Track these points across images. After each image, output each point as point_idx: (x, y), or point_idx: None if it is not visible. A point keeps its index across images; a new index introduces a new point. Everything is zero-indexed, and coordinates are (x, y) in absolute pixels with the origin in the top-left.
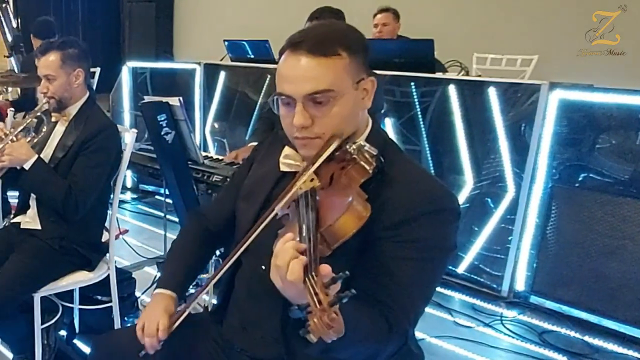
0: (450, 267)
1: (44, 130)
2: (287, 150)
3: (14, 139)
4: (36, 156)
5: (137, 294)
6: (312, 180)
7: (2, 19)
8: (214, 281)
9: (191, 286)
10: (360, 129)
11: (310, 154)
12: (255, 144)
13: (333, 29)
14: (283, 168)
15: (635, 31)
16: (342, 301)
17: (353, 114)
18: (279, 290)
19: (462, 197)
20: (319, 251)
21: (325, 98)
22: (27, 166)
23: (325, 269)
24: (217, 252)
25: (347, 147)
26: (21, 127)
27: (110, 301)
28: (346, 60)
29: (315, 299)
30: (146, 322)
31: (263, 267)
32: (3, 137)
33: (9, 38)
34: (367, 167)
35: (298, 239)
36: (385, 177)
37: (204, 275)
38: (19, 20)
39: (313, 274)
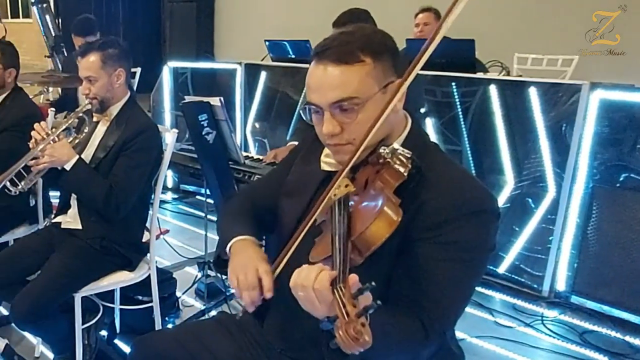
0: (491, 267)
1: (85, 130)
2: (327, 149)
3: (56, 139)
4: (77, 157)
5: (178, 294)
6: (346, 186)
7: (43, 19)
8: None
9: None
10: (396, 131)
11: (344, 160)
12: (295, 143)
13: (356, 35)
14: (324, 167)
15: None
16: (368, 312)
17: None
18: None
19: (503, 197)
20: (351, 260)
21: (351, 105)
22: (68, 167)
23: (353, 279)
24: None
25: (381, 150)
26: (62, 128)
27: (151, 301)
28: (370, 65)
29: (344, 311)
30: (240, 275)
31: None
32: (44, 137)
33: (50, 38)
34: (402, 170)
35: (330, 249)
36: (423, 178)
37: None
38: (60, 21)
39: (342, 285)
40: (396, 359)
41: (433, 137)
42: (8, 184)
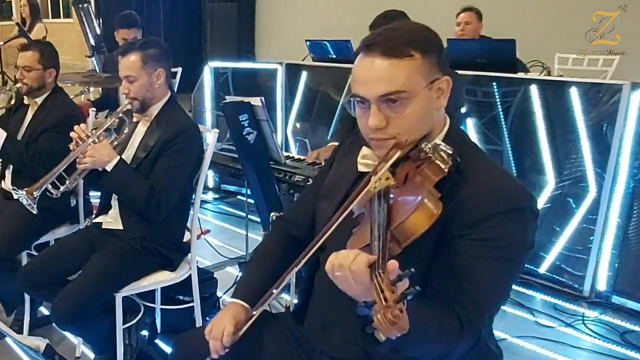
0: (531, 267)
1: (125, 131)
2: (364, 150)
3: (96, 140)
4: (118, 157)
5: (219, 294)
6: (387, 179)
7: (84, 19)
8: (285, 281)
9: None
10: (437, 129)
11: (384, 155)
12: (336, 144)
13: (406, 30)
14: (361, 168)
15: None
16: (406, 298)
17: (427, 114)
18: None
19: (544, 197)
20: (390, 249)
21: (399, 99)
22: (109, 168)
23: (393, 265)
24: None
25: (423, 146)
26: (103, 128)
27: (192, 301)
28: (419, 61)
29: (382, 296)
30: (213, 327)
31: None
32: (85, 138)
33: (91, 38)
34: (443, 166)
35: (369, 237)
36: (462, 176)
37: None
38: (100, 21)
39: (380, 271)
40: (429, 351)
41: (474, 137)
42: (50, 186)
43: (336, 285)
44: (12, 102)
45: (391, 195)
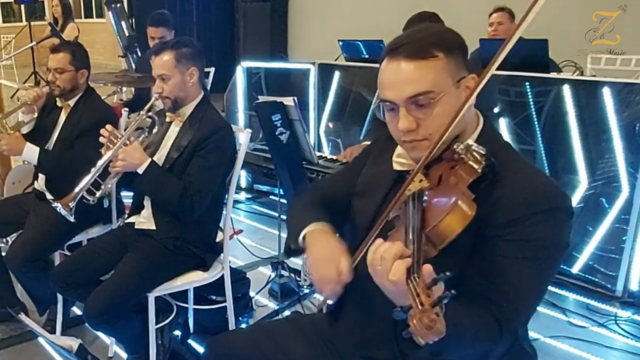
0: (564, 267)
1: (155, 130)
2: (399, 149)
3: (127, 142)
4: (149, 160)
5: (252, 294)
6: (420, 181)
7: (116, 19)
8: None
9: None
10: (470, 128)
11: (419, 156)
12: (367, 143)
13: (428, 32)
14: (396, 167)
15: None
16: (442, 302)
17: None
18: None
19: (577, 197)
20: (425, 252)
21: (427, 100)
22: (140, 170)
23: (428, 269)
24: None
25: (455, 146)
26: (132, 128)
27: (225, 301)
28: (443, 60)
29: (418, 300)
30: (322, 270)
31: None
32: (115, 140)
33: (123, 38)
34: (476, 167)
35: (404, 240)
36: (497, 176)
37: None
38: (133, 20)
39: (415, 275)
40: (468, 353)
41: (506, 136)
42: (85, 194)
43: (374, 281)
44: (35, 115)
45: (425, 198)
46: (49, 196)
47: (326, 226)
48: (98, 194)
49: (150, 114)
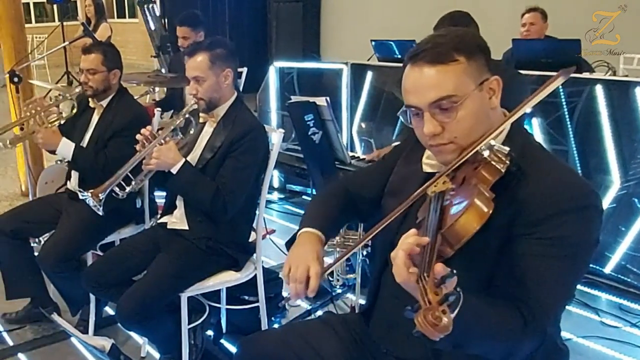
0: (597, 267)
1: (191, 131)
2: (428, 152)
3: (162, 141)
4: (183, 160)
5: (284, 294)
6: (444, 183)
7: (149, 19)
8: (355, 249)
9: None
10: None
11: (445, 160)
12: (398, 143)
13: (450, 36)
14: (426, 169)
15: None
16: (448, 299)
17: (482, 115)
18: None
19: (609, 197)
20: (440, 252)
21: (450, 103)
22: (174, 170)
23: (439, 268)
24: (364, 252)
25: (479, 148)
26: (169, 129)
27: (257, 301)
28: (464, 64)
29: (425, 299)
30: (293, 267)
31: None
32: (151, 139)
33: (156, 38)
34: (499, 167)
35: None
36: (524, 175)
37: (351, 276)
38: (166, 20)
39: (425, 274)
40: (492, 349)
41: (539, 137)
42: (116, 188)
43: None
44: (74, 110)
45: (446, 198)
46: (78, 194)
47: (315, 233)
48: (128, 189)
49: (186, 115)
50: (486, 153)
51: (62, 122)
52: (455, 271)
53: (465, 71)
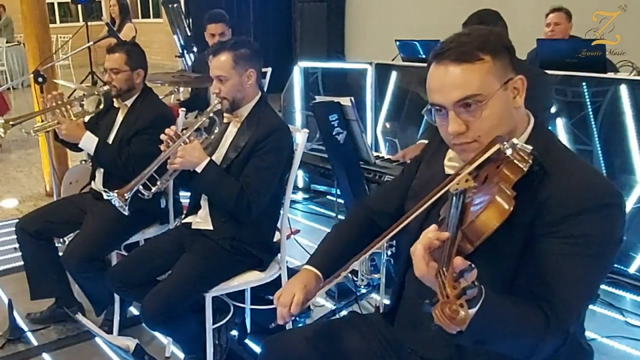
0: (621, 267)
1: (216, 131)
2: (450, 153)
3: (187, 141)
4: (208, 159)
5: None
6: (466, 181)
7: (173, 19)
8: (354, 264)
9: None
10: (519, 128)
11: (469, 159)
12: (424, 142)
13: (474, 35)
14: (448, 171)
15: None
16: (466, 293)
17: (506, 115)
18: None
19: (634, 197)
20: (460, 248)
21: (475, 102)
22: (199, 169)
23: (457, 262)
24: (389, 252)
25: (501, 146)
26: (193, 129)
27: None
28: (490, 63)
29: (443, 292)
30: (283, 293)
31: None
32: (175, 138)
33: (180, 38)
34: (522, 165)
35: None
36: (547, 174)
37: (376, 276)
38: (190, 21)
39: (444, 268)
40: (514, 346)
41: (563, 136)
42: (141, 187)
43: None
44: (101, 106)
45: (468, 196)
46: (102, 194)
47: (312, 271)
48: (154, 189)
49: (210, 114)
50: (509, 151)
51: (87, 118)
52: (473, 265)
53: (490, 70)
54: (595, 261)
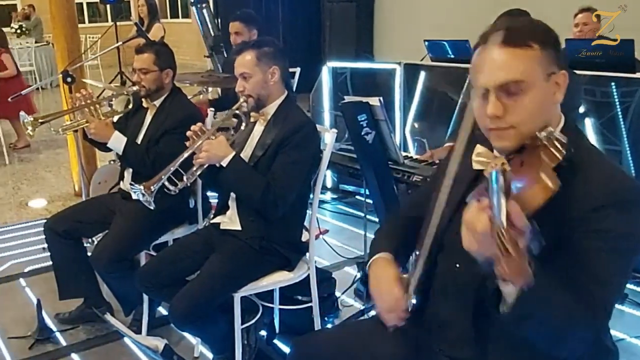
0: None
1: (242, 130)
2: (479, 148)
3: (212, 137)
4: (233, 153)
5: (337, 294)
6: (502, 164)
7: (202, 19)
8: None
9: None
10: (552, 124)
11: (503, 146)
12: (451, 144)
13: (525, 22)
14: (475, 166)
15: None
16: (530, 251)
17: (544, 107)
18: (474, 290)
19: None
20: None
21: (517, 88)
22: (224, 163)
23: (515, 211)
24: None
25: (538, 133)
26: (218, 125)
27: (311, 301)
28: (538, 52)
29: (502, 248)
30: (379, 299)
31: (457, 265)
32: (201, 134)
33: (209, 38)
34: (557, 154)
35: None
36: (576, 169)
37: (405, 276)
38: (219, 21)
39: (502, 229)
40: (548, 329)
41: (591, 137)
42: (167, 183)
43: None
44: (129, 106)
45: (507, 178)
46: (131, 194)
47: (385, 257)
48: (180, 184)
49: (237, 112)
50: (545, 139)
51: (116, 118)
52: (535, 222)
53: (537, 59)
54: (621, 257)
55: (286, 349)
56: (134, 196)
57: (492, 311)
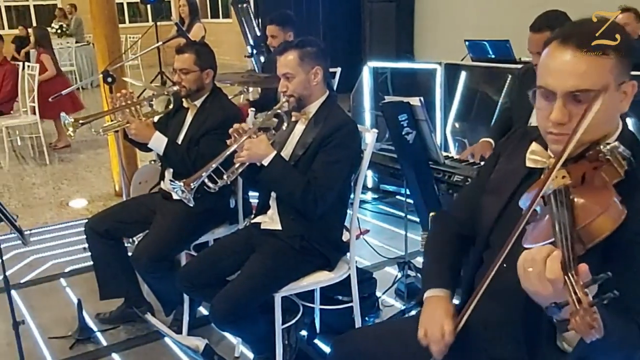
0: None
1: (283, 129)
2: (534, 146)
3: (254, 135)
4: (274, 152)
5: (378, 294)
6: (563, 177)
7: (242, 19)
8: (484, 286)
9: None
10: (613, 130)
11: (560, 150)
12: (488, 140)
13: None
14: (529, 164)
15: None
16: (603, 302)
17: (610, 116)
18: (521, 290)
19: None
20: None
21: (586, 97)
22: (265, 162)
23: (584, 267)
24: None
25: (601, 147)
26: (259, 124)
27: (351, 301)
28: (613, 61)
29: (575, 298)
30: (428, 329)
31: (504, 265)
32: (242, 133)
33: (250, 38)
34: (619, 170)
35: (552, 237)
36: (636, 180)
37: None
38: (259, 21)
39: (572, 272)
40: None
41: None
42: (207, 180)
43: (523, 284)
44: (170, 106)
45: (571, 194)
46: (172, 194)
47: (443, 296)
48: (220, 182)
49: (278, 112)
50: (609, 154)
51: (156, 118)
52: (610, 273)
53: (611, 69)
54: None
55: (327, 349)
56: (174, 193)
57: (546, 343)
